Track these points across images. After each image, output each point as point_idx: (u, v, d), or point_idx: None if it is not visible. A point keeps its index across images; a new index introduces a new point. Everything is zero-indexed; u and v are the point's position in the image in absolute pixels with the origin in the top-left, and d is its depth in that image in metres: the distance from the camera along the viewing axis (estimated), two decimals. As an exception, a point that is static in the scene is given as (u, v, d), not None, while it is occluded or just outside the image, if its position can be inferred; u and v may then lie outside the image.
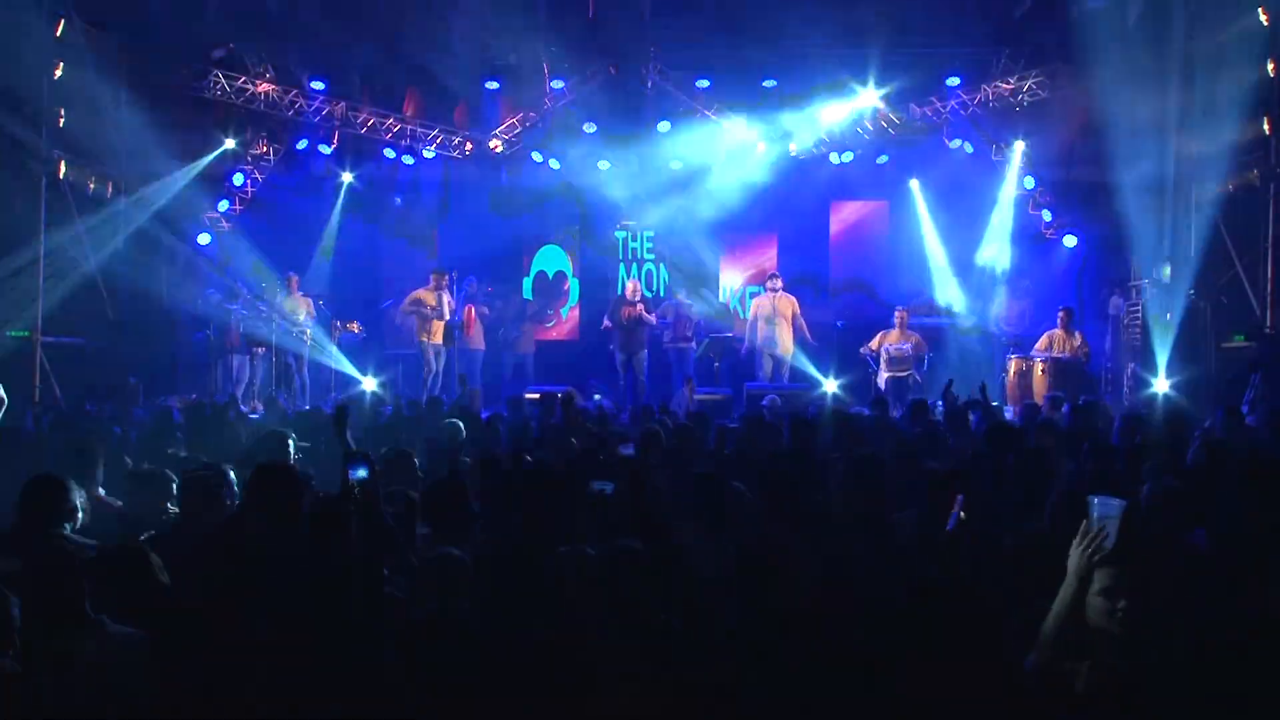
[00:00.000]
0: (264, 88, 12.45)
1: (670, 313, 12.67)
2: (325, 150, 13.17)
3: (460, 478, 4.57)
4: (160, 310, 12.37)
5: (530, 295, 14.51)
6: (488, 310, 13.03)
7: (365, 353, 12.98)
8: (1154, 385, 10.66)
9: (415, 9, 11.91)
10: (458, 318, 12.08)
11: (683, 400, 10.16)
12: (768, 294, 12.20)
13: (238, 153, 12.89)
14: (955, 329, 12.74)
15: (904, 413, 7.91)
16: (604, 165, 13.53)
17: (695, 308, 12.81)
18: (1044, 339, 10.98)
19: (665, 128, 12.95)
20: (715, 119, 12.93)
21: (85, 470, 4.69)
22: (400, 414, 8.06)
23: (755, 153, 13.18)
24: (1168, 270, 12.52)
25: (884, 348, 11.50)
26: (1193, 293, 11.22)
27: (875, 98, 12.46)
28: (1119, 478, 4.89)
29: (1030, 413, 8.15)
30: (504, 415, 8.18)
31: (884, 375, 11.40)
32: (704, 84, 12.66)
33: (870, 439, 6.43)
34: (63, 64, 10.84)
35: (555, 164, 13.45)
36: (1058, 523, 3.55)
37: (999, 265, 12.97)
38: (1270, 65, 10.12)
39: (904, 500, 4.44)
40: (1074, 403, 8.20)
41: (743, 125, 12.97)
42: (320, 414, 7.79)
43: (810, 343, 12.15)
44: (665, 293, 13.95)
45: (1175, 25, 11.32)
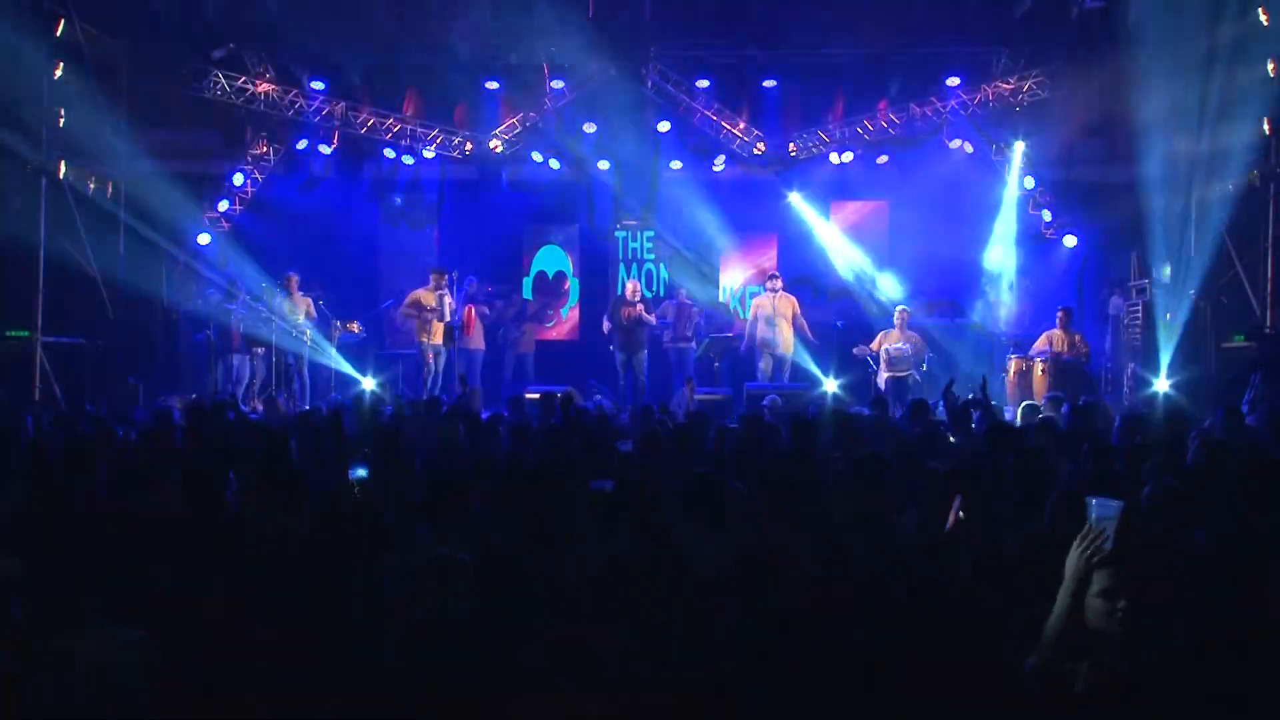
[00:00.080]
0: (264, 88, 12.45)
1: (670, 312, 12.66)
2: (325, 150, 13.16)
3: (459, 478, 4.57)
4: (160, 310, 12.38)
5: (530, 295, 14.51)
6: (488, 310, 13.03)
7: (365, 353, 12.98)
8: (1154, 385, 10.67)
9: (415, 9, 11.92)
10: (458, 318, 12.08)
11: (683, 400, 10.15)
12: (767, 294, 12.20)
13: (238, 153, 12.89)
14: (956, 329, 12.74)
15: (904, 413, 7.91)
16: (604, 165, 13.53)
17: (696, 307, 12.80)
18: (1043, 339, 10.98)
19: (665, 127, 12.95)
20: (715, 119, 12.93)
21: (86, 470, 4.69)
22: (401, 414, 8.06)
23: (755, 152, 13.20)
24: (1167, 270, 12.53)
25: (884, 348, 11.50)
26: (1193, 293, 11.22)
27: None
28: (1119, 478, 4.89)
29: (1030, 413, 8.15)
30: (504, 415, 8.18)
31: (884, 375, 11.40)
32: (704, 84, 12.66)
33: (870, 439, 6.43)
34: (63, 64, 10.85)
35: (555, 164, 13.45)
36: (1058, 523, 3.55)
37: (1003, 267, 12.96)
38: (1270, 65, 10.13)
39: (904, 500, 4.44)
40: (1074, 403, 8.20)
41: (742, 125, 12.99)
42: (320, 414, 7.79)
43: (811, 341, 12.18)
44: (665, 292, 13.95)
45: (1175, 25, 11.32)
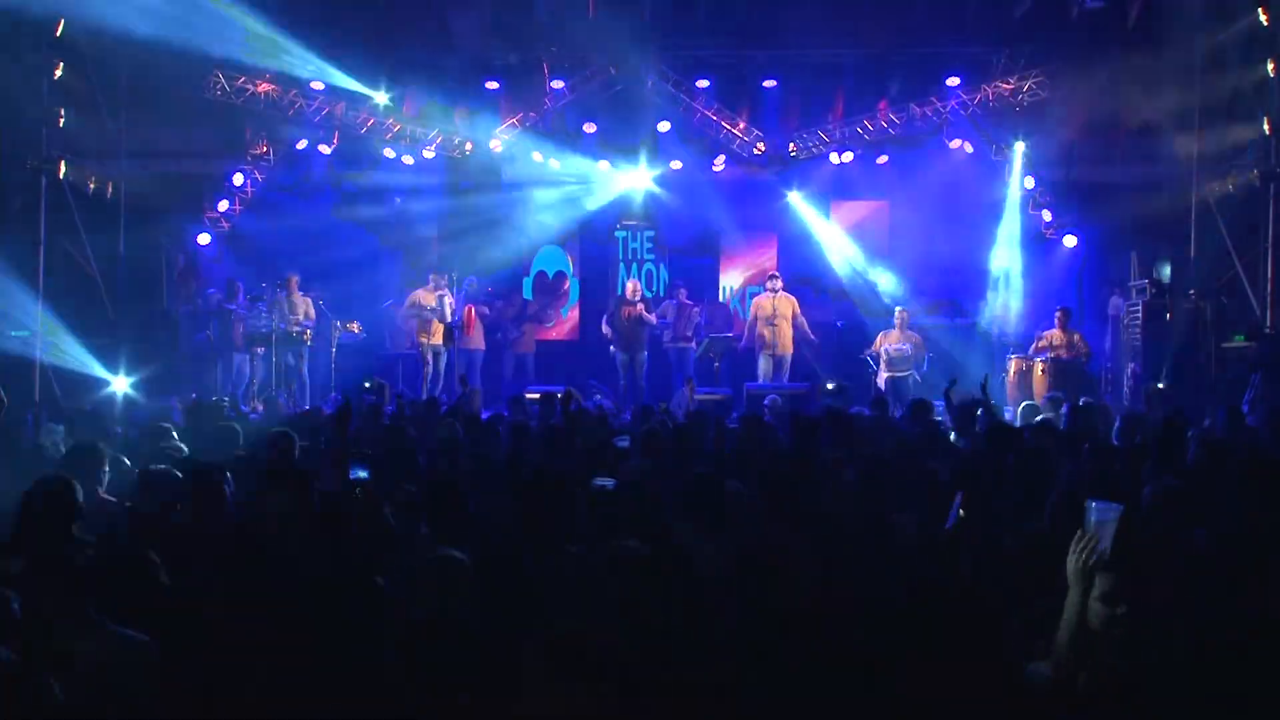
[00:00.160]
0: (264, 88, 12.45)
1: (670, 312, 12.66)
2: (325, 150, 13.16)
3: (458, 478, 4.57)
4: (160, 310, 12.37)
5: (530, 295, 14.50)
6: (488, 310, 13.03)
7: (365, 353, 12.98)
8: (1154, 384, 10.67)
9: (416, 9, 11.92)
10: (458, 318, 12.07)
11: (683, 400, 10.15)
12: (767, 294, 12.20)
13: (238, 153, 12.88)
14: (956, 329, 12.74)
15: (904, 413, 7.91)
16: (604, 165, 13.53)
17: (696, 307, 12.79)
18: (1042, 339, 10.99)
19: (665, 127, 12.95)
20: (715, 119, 12.93)
21: (89, 471, 4.69)
22: (402, 414, 8.06)
23: (755, 152, 13.20)
24: (1167, 270, 12.54)
25: (884, 348, 11.50)
26: (1193, 293, 11.22)
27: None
28: (1119, 478, 4.90)
29: (1030, 413, 8.15)
30: (505, 415, 8.18)
31: (884, 375, 11.40)
32: (704, 84, 12.66)
33: (870, 439, 6.43)
34: (62, 64, 10.85)
35: (555, 164, 13.45)
36: (1058, 523, 3.55)
37: (1009, 267, 12.95)
38: (1270, 65, 10.13)
39: (904, 500, 4.44)
40: (1074, 403, 8.20)
41: (742, 125, 12.99)
42: (320, 414, 7.80)
43: (812, 340, 12.19)
44: (665, 292, 13.95)
45: (1175, 25, 11.33)
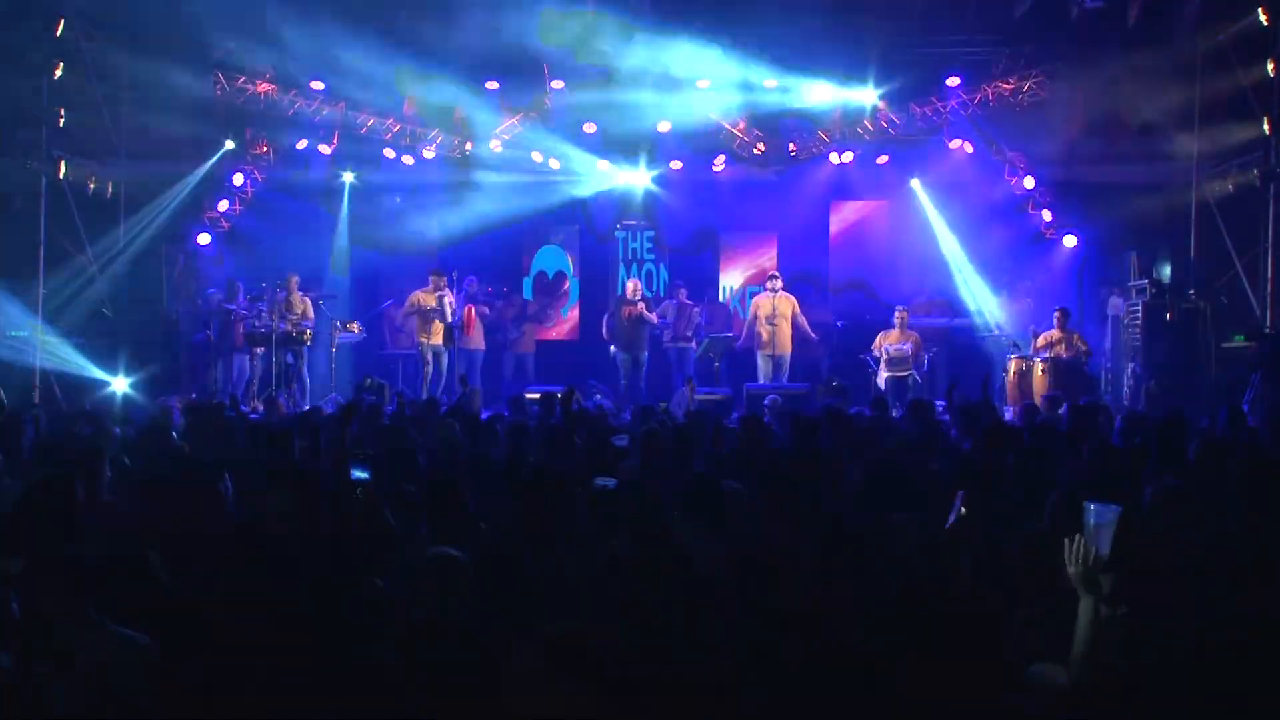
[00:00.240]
0: (264, 88, 12.45)
1: (670, 312, 12.66)
2: (325, 150, 13.16)
3: (457, 478, 4.57)
4: (160, 310, 12.38)
5: (530, 295, 14.51)
6: (488, 310, 13.03)
7: (365, 353, 12.99)
8: (1154, 384, 10.67)
9: (415, 9, 11.90)
10: (458, 318, 12.07)
11: (683, 400, 10.16)
12: (767, 294, 12.20)
13: (238, 153, 12.88)
14: (956, 329, 12.74)
15: (904, 413, 7.91)
16: (604, 165, 13.53)
17: (696, 307, 12.79)
18: (1041, 339, 10.99)
19: (665, 127, 12.95)
20: (715, 119, 12.93)
21: (90, 471, 4.69)
22: (402, 414, 8.06)
23: (754, 151, 13.21)
24: (1167, 270, 12.54)
25: (884, 348, 11.50)
26: (1193, 293, 11.22)
27: (874, 96, 12.50)
28: (1119, 478, 4.89)
29: (1029, 413, 8.15)
30: (505, 415, 8.18)
31: (884, 375, 11.40)
32: (704, 84, 12.65)
33: (870, 439, 6.43)
34: (63, 64, 10.84)
35: (555, 164, 13.45)
36: (1058, 523, 3.55)
37: (1004, 267, 12.95)
38: (1270, 65, 10.12)
39: (904, 500, 4.43)
40: (1074, 403, 8.20)
41: (742, 125, 12.99)
42: (320, 414, 7.79)
43: (813, 338, 12.19)
44: (665, 292, 13.95)
45: (1175, 25, 11.33)
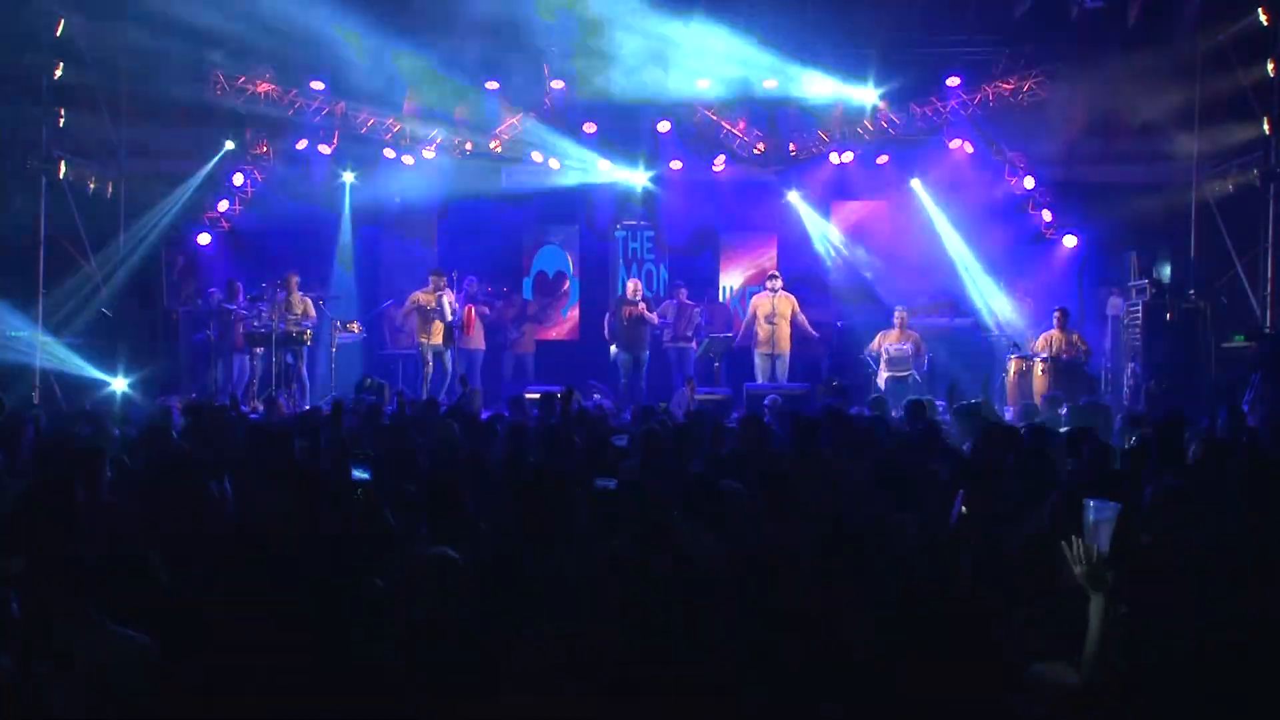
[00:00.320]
0: (264, 88, 12.45)
1: (670, 312, 12.66)
2: (325, 150, 13.16)
3: (456, 478, 4.57)
4: (160, 310, 12.38)
5: (530, 295, 14.51)
6: (488, 310, 13.03)
7: (365, 353, 12.99)
8: (1154, 384, 10.67)
9: (415, 9, 11.91)
10: (458, 318, 12.06)
11: (683, 400, 10.16)
12: (766, 293, 12.20)
13: (237, 153, 12.89)
14: (956, 329, 12.73)
15: (902, 413, 7.91)
16: (604, 165, 13.54)
17: (696, 307, 12.79)
18: (1041, 339, 11.00)
19: (665, 127, 12.95)
20: (715, 119, 12.93)
21: (90, 471, 4.69)
22: (402, 413, 8.06)
23: (754, 151, 13.21)
24: (1167, 270, 12.54)
25: (884, 348, 11.50)
26: (1193, 293, 11.22)
27: (874, 96, 12.50)
28: (1119, 478, 4.90)
29: (1029, 413, 8.15)
30: (505, 415, 8.18)
31: (884, 375, 11.40)
32: (704, 84, 12.66)
33: (870, 439, 6.43)
34: (63, 64, 10.85)
35: (555, 164, 13.46)
36: (1058, 523, 3.55)
37: (1004, 267, 12.94)
38: (1270, 65, 10.13)
39: (905, 500, 4.44)
40: (1074, 403, 8.21)
41: (743, 125, 13.00)
42: (320, 414, 7.79)
43: (814, 335, 12.20)
44: (665, 292, 13.95)
45: (1175, 25, 11.33)
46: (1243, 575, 3.00)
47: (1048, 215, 12.71)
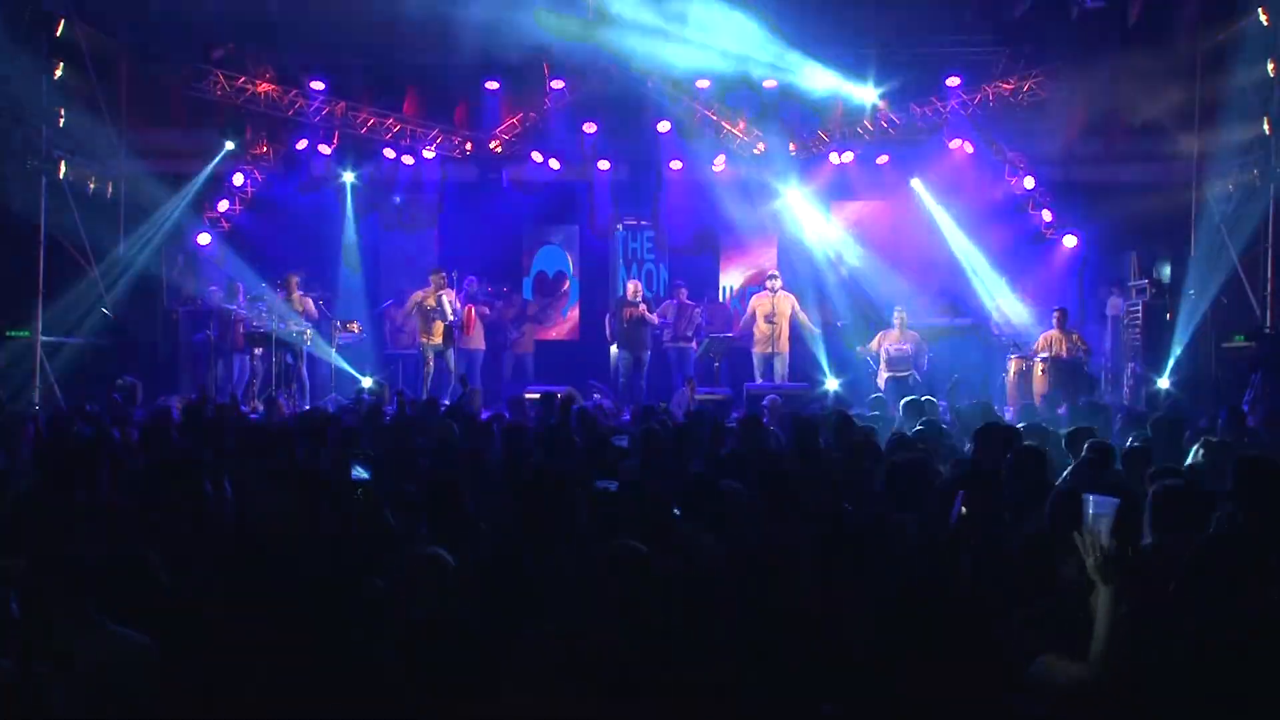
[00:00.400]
0: (264, 88, 12.45)
1: (670, 312, 12.66)
2: (325, 150, 13.16)
3: (456, 478, 4.57)
4: (160, 310, 12.38)
5: (530, 295, 14.51)
6: (488, 310, 13.03)
7: (365, 353, 12.98)
8: (1154, 384, 10.68)
9: (415, 9, 11.90)
10: (458, 318, 12.06)
11: (683, 400, 10.16)
12: (766, 293, 12.19)
13: (238, 153, 12.89)
14: (955, 329, 12.73)
15: (899, 414, 7.91)
16: (604, 165, 13.53)
17: (697, 307, 12.78)
18: (1040, 340, 11.00)
19: (665, 127, 12.96)
20: (715, 119, 12.93)
21: (90, 471, 4.69)
22: (403, 413, 8.06)
23: (755, 152, 13.21)
24: (1167, 270, 12.54)
25: (884, 348, 11.49)
26: (1192, 293, 11.22)
27: (874, 95, 12.50)
28: (1119, 477, 4.90)
29: (1028, 413, 8.16)
30: (504, 416, 8.18)
31: (884, 375, 11.39)
32: (704, 84, 12.66)
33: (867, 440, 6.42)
34: (63, 64, 10.85)
35: (555, 164, 13.46)
36: (1058, 523, 3.55)
37: (1005, 267, 12.93)
38: (1270, 65, 10.13)
39: (905, 500, 4.43)
40: (1074, 403, 8.21)
41: (743, 125, 13.00)
42: (320, 414, 7.79)
43: (815, 332, 12.19)
44: (665, 292, 13.95)
45: (1175, 25, 11.33)
46: (1243, 575, 3.00)
47: (1048, 215, 12.71)
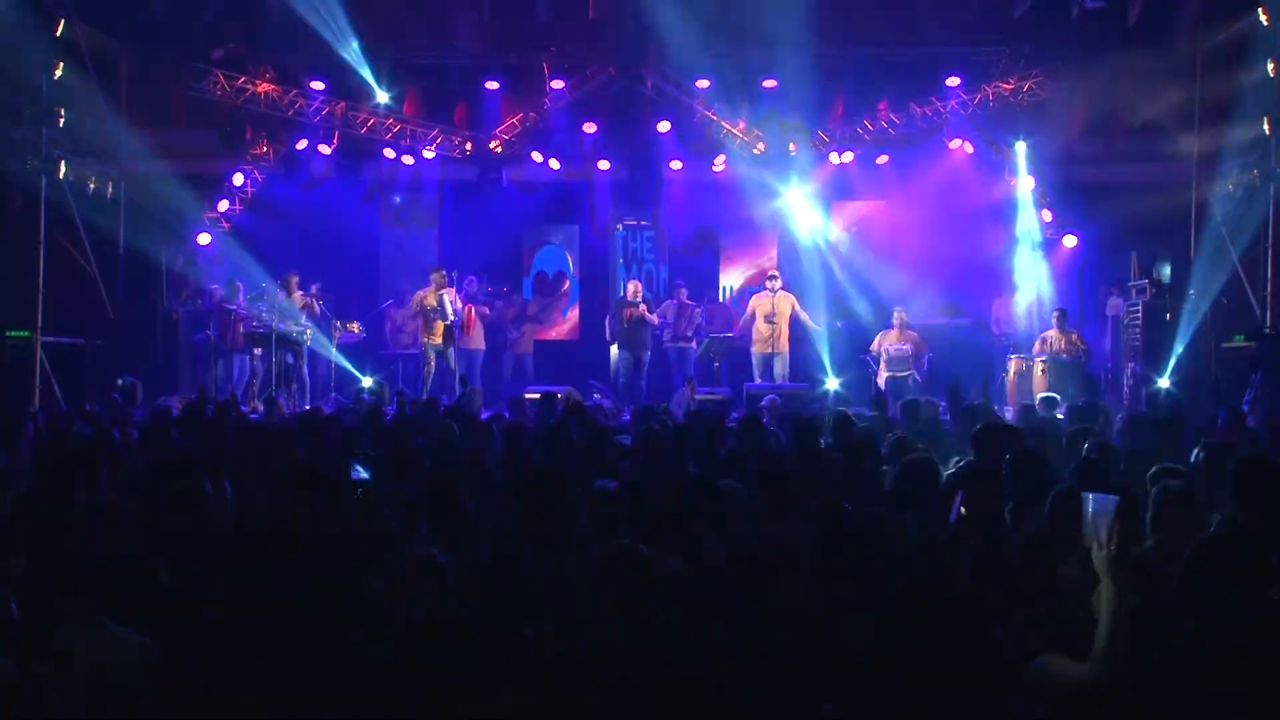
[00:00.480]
0: (264, 88, 12.45)
1: (670, 312, 12.66)
2: (325, 150, 13.16)
3: (456, 478, 4.57)
4: (160, 310, 12.38)
5: (530, 295, 14.51)
6: (488, 310, 13.03)
7: (365, 353, 12.98)
8: (1154, 384, 10.68)
9: (415, 9, 11.93)
10: (458, 318, 12.06)
11: (683, 400, 10.16)
12: (766, 293, 12.19)
13: (237, 153, 12.89)
14: (956, 329, 12.73)
15: (898, 414, 7.91)
16: (604, 165, 13.53)
17: (697, 307, 12.79)
18: (1040, 340, 11.01)
19: (665, 127, 12.96)
20: (715, 119, 12.94)
21: (90, 471, 4.69)
22: (403, 413, 8.06)
23: (755, 152, 13.22)
24: (1167, 270, 12.54)
25: (884, 348, 11.50)
26: (1193, 293, 11.22)
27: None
28: (1119, 478, 4.89)
29: (1028, 413, 8.15)
30: (504, 415, 8.18)
31: (884, 375, 11.40)
32: (704, 84, 12.67)
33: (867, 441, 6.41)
34: (63, 64, 10.85)
35: (555, 164, 13.46)
36: (1058, 522, 3.55)
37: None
38: (1270, 65, 10.13)
39: (905, 500, 4.43)
40: (1074, 403, 8.19)
41: (743, 125, 13.01)
42: (320, 414, 7.79)
43: (817, 330, 12.20)
44: (665, 292, 13.95)
45: (1175, 25, 11.33)
46: (1243, 575, 3.00)
47: (1048, 215, 12.70)
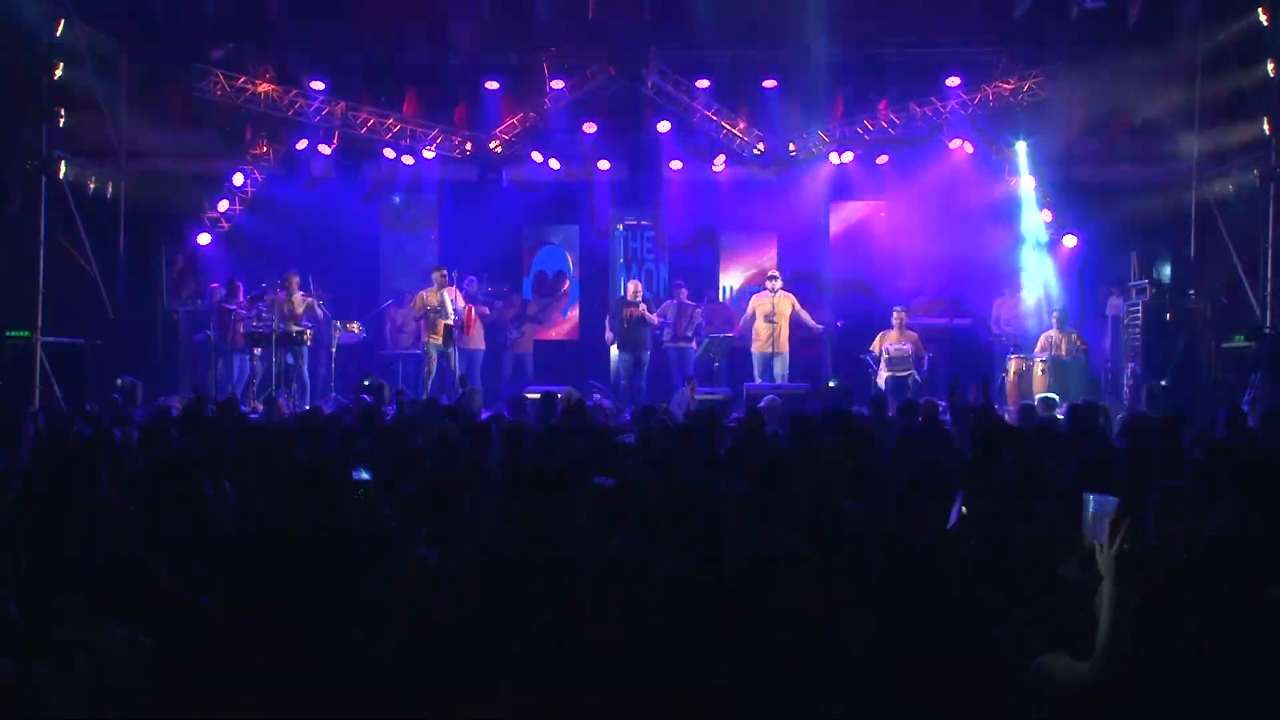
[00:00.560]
0: (264, 88, 12.45)
1: (670, 312, 12.66)
2: (325, 150, 13.16)
3: (456, 478, 4.57)
4: (160, 310, 12.38)
5: (530, 295, 14.51)
6: (488, 310, 13.03)
7: (365, 353, 12.99)
8: (1155, 384, 10.68)
9: (415, 9, 11.92)
10: (459, 318, 12.06)
11: (683, 400, 10.16)
12: (766, 293, 12.20)
13: (237, 153, 12.89)
14: (956, 329, 12.74)
15: (897, 414, 7.90)
16: (604, 165, 13.54)
17: (697, 307, 12.79)
18: (1041, 339, 11.02)
19: (665, 127, 12.96)
20: (715, 119, 12.94)
21: (90, 471, 4.69)
22: (403, 413, 8.05)
23: (755, 152, 13.22)
24: (1167, 270, 12.55)
25: (884, 348, 11.50)
26: (1192, 293, 11.23)
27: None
28: (1119, 478, 4.89)
29: (1028, 413, 8.15)
30: (504, 415, 8.18)
31: (884, 375, 11.41)
32: (704, 84, 12.67)
33: (870, 439, 6.42)
34: (63, 64, 10.86)
35: (555, 164, 13.46)
36: (1058, 523, 3.55)
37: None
38: (1270, 65, 10.13)
39: (903, 500, 4.43)
40: (1073, 403, 8.19)
41: (743, 125, 13.01)
42: (320, 414, 7.79)
43: (818, 328, 12.19)
44: (666, 292, 13.95)
45: (1175, 25, 11.34)
46: (1243, 575, 3.00)
47: (1048, 215, 12.70)
